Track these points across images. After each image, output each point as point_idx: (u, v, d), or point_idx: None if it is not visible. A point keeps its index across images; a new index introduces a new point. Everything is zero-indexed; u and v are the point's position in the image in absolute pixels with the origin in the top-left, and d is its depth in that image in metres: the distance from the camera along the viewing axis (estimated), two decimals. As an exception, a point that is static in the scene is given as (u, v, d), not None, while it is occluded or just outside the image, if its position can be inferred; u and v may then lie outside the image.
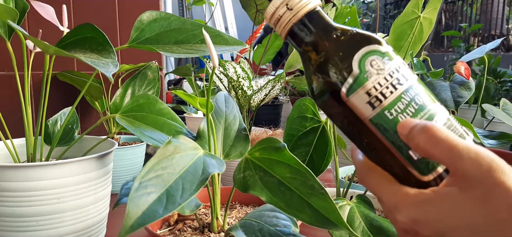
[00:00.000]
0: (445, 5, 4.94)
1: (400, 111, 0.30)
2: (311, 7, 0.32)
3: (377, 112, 0.30)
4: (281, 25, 0.33)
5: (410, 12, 0.75)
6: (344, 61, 0.30)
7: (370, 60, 0.30)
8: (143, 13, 0.57)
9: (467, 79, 0.82)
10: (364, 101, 0.30)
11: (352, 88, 0.30)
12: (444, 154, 0.28)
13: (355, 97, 0.30)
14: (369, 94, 0.30)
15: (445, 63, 3.48)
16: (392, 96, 0.30)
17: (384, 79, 0.30)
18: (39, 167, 0.53)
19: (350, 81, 0.30)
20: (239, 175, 0.48)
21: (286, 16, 0.32)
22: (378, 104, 0.30)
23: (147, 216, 0.33)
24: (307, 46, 0.32)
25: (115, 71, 0.45)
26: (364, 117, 0.31)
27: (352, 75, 0.30)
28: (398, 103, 0.30)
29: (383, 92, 0.30)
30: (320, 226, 0.42)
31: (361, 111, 0.30)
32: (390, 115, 0.30)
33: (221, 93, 0.63)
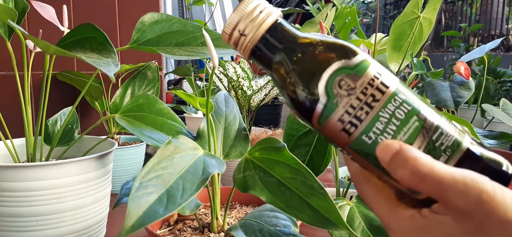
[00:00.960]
0: (445, 5, 4.94)
1: (380, 132, 0.27)
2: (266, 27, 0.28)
3: (354, 138, 0.27)
4: (240, 50, 0.29)
5: (410, 12, 0.75)
6: (311, 86, 0.27)
7: (338, 81, 0.27)
8: (145, 14, 0.57)
9: (467, 79, 0.82)
10: (338, 129, 0.27)
11: (323, 116, 0.27)
12: (430, 189, 0.26)
13: (329, 125, 0.27)
14: (342, 121, 0.27)
15: (445, 63, 3.48)
16: (368, 118, 0.27)
17: (356, 99, 0.27)
18: (39, 167, 0.53)
19: (320, 108, 0.27)
20: (239, 175, 0.48)
21: (242, 41, 0.29)
22: (353, 130, 0.27)
23: (147, 216, 0.33)
24: (271, 70, 0.29)
25: (116, 71, 0.45)
26: (342, 144, 0.28)
27: (321, 101, 0.27)
28: (376, 124, 0.27)
29: (357, 115, 0.27)
30: (320, 226, 0.42)
31: (338, 138, 0.28)
32: (369, 140, 0.27)
33: (221, 93, 0.63)
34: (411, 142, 0.27)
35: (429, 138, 0.27)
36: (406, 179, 0.26)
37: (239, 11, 0.28)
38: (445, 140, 0.27)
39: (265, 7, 0.28)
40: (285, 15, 1.55)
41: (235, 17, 0.29)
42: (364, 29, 3.64)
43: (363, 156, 0.28)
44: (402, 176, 0.26)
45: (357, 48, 0.28)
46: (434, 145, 0.27)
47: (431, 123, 0.27)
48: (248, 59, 0.30)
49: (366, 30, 3.71)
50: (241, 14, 0.28)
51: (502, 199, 0.24)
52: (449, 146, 0.27)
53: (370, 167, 0.29)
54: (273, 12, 0.29)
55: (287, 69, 0.28)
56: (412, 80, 0.83)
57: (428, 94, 0.82)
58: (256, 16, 0.28)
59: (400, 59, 0.79)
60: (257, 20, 0.28)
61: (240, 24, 0.28)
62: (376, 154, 0.27)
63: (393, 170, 0.27)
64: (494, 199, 0.24)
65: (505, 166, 0.28)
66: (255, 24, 0.28)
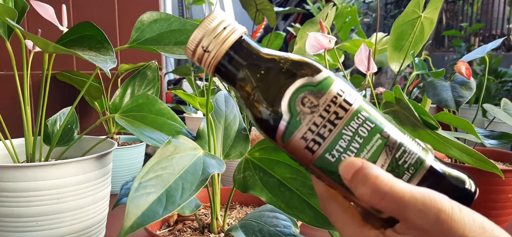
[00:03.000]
0: (446, 5, 4.94)
1: (343, 150, 0.27)
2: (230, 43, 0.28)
3: (318, 156, 0.27)
4: (204, 66, 0.29)
5: (411, 11, 0.75)
6: (274, 103, 0.27)
7: (301, 98, 0.27)
8: (144, 13, 0.57)
9: (468, 79, 0.82)
10: (301, 147, 0.27)
11: (287, 133, 0.27)
12: (390, 207, 0.26)
13: (292, 143, 0.27)
14: (305, 139, 0.27)
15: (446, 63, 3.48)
16: (332, 135, 0.27)
17: (320, 117, 0.26)
18: (38, 167, 0.53)
19: (284, 124, 0.27)
20: (239, 175, 0.47)
21: (205, 58, 0.29)
22: (316, 147, 0.27)
23: (146, 216, 0.33)
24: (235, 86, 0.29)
25: (113, 67, 0.45)
26: (306, 162, 0.28)
27: (284, 118, 0.27)
28: (339, 142, 0.27)
29: (320, 133, 0.27)
30: (320, 226, 0.42)
31: (301, 156, 0.27)
32: (332, 158, 0.27)
33: (221, 93, 0.63)
34: (375, 160, 0.27)
35: (392, 156, 0.27)
36: (366, 196, 0.26)
37: (203, 27, 0.28)
38: (408, 158, 0.27)
39: (229, 24, 0.28)
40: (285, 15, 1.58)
41: (198, 33, 0.28)
42: (364, 28, 3.64)
43: (327, 174, 0.28)
44: (363, 194, 0.26)
45: (321, 65, 0.28)
46: (397, 163, 0.27)
47: (394, 141, 0.27)
48: (212, 75, 0.30)
49: (366, 30, 3.71)
50: (205, 30, 0.28)
51: (460, 218, 0.24)
52: (412, 164, 0.27)
53: (334, 185, 0.28)
54: (237, 29, 0.28)
55: (251, 86, 0.28)
56: (413, 80, 0.83)
57: (429, 94, 0.82)
58: (220, 32, 0.28)
59: (401, 59, 0.79)
60: (221, 36, 0.28)
61: (204, 40, 0.28)
62: (339, 172, 0.27)
63: (354, 188, 0.27)
64: (452, 218, 0.24)
65: (468, 184, 0.28)
66: (219, 40, 0.28)
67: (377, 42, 0.93)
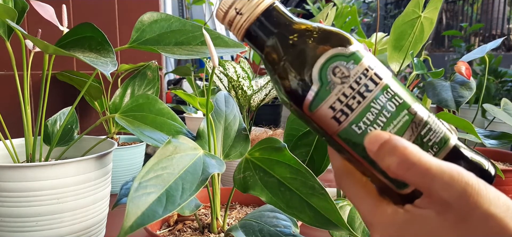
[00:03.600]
0: (446, 5, 4.94)
1: (370, 123, 0.27)
2: (263, 8, 0.28)
3: (344, 127, 0.27)
4: (234, 29, 0.29)
5: (410, 11, 0.75)
6: (304, 71, 0.27)
7: (332, 67, 0.27)
8: (144, 14, 0.57)
9: (468, 79, 0.82)
10: (329, 117, 0.27)
11: (315, 102, 0.27)
12: (417, 179, 0.26)
13: (319, 112, 0.27)
14: (333, 109, 0.27)
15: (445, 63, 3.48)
16: (360, 107, 0.27)
17: (349, 88, 0.27)
18: (38, 167, 0.53)
19: (312, 94, 0.27)
20: (239, 175, 0.47)
21: (237, 20, 0.29)
22: (344, 118, 0.27)
23: (146, 216, 0.33)
24: (264, 52, 0.29)
25: (114, 70, 0.45)
26: (330, 132, 0.28)
27: (313, 88, 0.27)
28: (367, 114, 0.27)
29: (349, 104, 0.27)
30: (320, 226, 0.42)
31: (327, 126, 0.27)
32: (358, 129, 0.27)
33: (221, 93, 0.63)
34: (400, 135, 0.27)
35: (418, 132, 0.28)
36: (393, 166, 0.26)
37: None
38: (433, 136, 0.28)
39: None
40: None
41: None
42: (364, 28, 3.63)
43: (350, 146, 0.28)
44: (390, 164, 0.26)
45: (353, 38, 0.28)
46: (422, 140, 0.28)
47: (421, 118, 0.28)
48: (242, 39, 0.30)
49: (366, 30, 3.70)
50: None
51: (486, 194, 0.25)
52: (437, 143, 0.28)
53: (355, 159, 0.29)
54: None
55: (281, 53, 0.28)
56: (412, 80, 0.83)
57: (429, 94, 0.82)
58: None
59: (400, 59, 0.79)
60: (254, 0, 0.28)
61: (237, 2, 0.28)
62: (364, 144, 0.27)
63: (381, 158, 0.27)
64: (478, 193, 0.25)
65: (488, 167, 0.29)
66: (252, 4, 0.28)
67: (377, 42, 0.93)
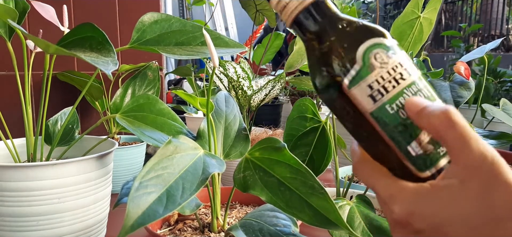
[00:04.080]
0: (445, 5, 4.94)
1: (401, 106, 0.30)
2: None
3: (378, 105, 0.30)
4: (287, 12, 0.33)
5: (410, 12, 0.75)
6: (348, 53, 0.30)
7: (374, 53, 0.30)
8: (145, 14, 0.57)
9: (467, 79, 0.82)
10: (366, 94, 0.30)
11: (355, 80, 0.30)
12: (455, 138, 0.28)
13: (357, 90, 0.30)
14: (371, 87, 0.30)
15: (445, 63, 3.48)
16: (394, 91, 0.30)
17: (387, 73, 0.30)
18: (39, 167, 0.53)
19: (353, 73, 0.30)
20: (239, 175, 0.48)
21: (293, 3, 0.32)
22: (379, 97, 0.30)
23: (147, 215, 0.33)
24: (312, 35, 0.32)
25: (115, 70, 0.45)
26: (364, 110, 0.31)
27: (355, 67, 0.30)
28: (399, 98, 0.30)
29: (385, 86, 0.30)
30: (320, 226, 0.42)
31: (362, 104, 0.31)
32: (391, 110, 0.30)
33: (221, 93, 0.63)
34: None
35: None
36: (437, 121, 0.29)
37: None
38: None
39: None
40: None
41: None
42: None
43: (381, 125, 0.31)
44: (434, 120, 0.29)
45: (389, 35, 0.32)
46: None
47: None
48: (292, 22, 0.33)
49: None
50: None
51: (507, 167, 0.27)
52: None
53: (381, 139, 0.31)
54: None
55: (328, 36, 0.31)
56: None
57: (428, 94, 0.82)
58: None
59: (400, 59, 0.79)
60: None
61: None
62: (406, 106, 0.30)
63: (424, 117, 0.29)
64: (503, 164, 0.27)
65: None
66: None
67: (377, 42, 0.93)
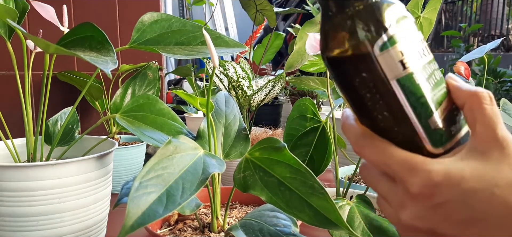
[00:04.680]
0: (445, 5, 4.94)
1: (425, 79, 0.31)
2: None
3: (407, 73, 0.31)
4: None
5: (410, 12, 0.75)
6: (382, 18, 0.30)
7: (405, 22, 0.31)
8: (144, 14, 0.57)
9: (467, 79, 0.82)
10: (397, 60, 0.30)
11: (387, 44, 0.30)
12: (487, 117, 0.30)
13: (388, 54, 0.30)
14: (402, 54, 0.30)
15: (445, 63, 3.48)
16: (420, 63, 0.31)
17: (414, 44, 0.31)
18: (39, 167, 0.53)
19: (387, 37, 0.30)
20: (239, 175, 0.48)
21: None
22: (409, 65, 0.31)
23: (147, 216, 0.33)
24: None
25: (114, 68, 0.45)
26: (391, 76, 0.31)
27: (389, 31, 0.30)
28: (424, 71, 0.31)
29: (413, 56, 0.31)
30: (320, 226, 0.42)
31: (390, 69, 0.31)
32: (416, 80, 0.31)
33: (221, 93, 0.63)
34: (442, 101, 0.32)
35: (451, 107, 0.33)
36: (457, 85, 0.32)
37: None
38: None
39: None
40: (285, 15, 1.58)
41: None
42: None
43: (405, 93, 0.31)
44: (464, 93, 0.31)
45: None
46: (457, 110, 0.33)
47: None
48: None
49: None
50: None
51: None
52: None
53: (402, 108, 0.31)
54: None
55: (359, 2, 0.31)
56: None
57: (428, 94, 0.82)
58: None
59: (400, 59, 0.79)
60: None
61: None
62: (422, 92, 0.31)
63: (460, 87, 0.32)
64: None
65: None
66: None
67: (377, 42, 0.93)
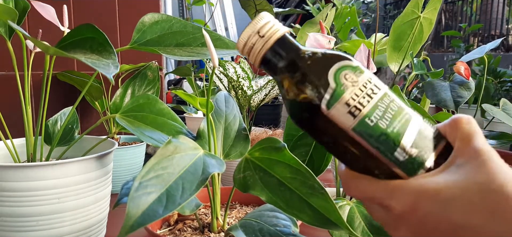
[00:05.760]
0: (445, 5, 4.94)
1: (380, 117, 0.32)
2: (281, 33, 0.34)
3: (359, 120, 0.32)
4: (254, 53, 0.34)
5: (410, 12, 0.75)
6: (320, 78, 0.32)
7: (344, 74, 0.32)
8: (145, 15, 0.57)
9: (467, 79, 0.82)
10: (345, 112, 0.32)
11: (332, 100, 0.32)
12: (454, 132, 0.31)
13: (336, 109, 0.32)
14: (348, 105, 0.32)
15: (445, 63, 3.48)
16: (370, 104, 0.32)
17: (359, 90, 0.32)
18: (39, 167, 0.53)
19: (329, 94, 0.32)
20: (239, 175, 0.48)
21: (258, 44, 0.34)
22: (358, 112, 0.32)
23: (147, 216, 0.33)
24: (281, 71, 0.34)
25: (116, 72, 0.45)
26: (346, 127, 0.32)
27: (329, 89, 0.32)
28: (376, 111, 0.32)
29: (360, 102, 0.32)
30: (320, 226, 0.42)
31: (343, 121, 0.32)
32: (371, 122, 0.32)
33: (221, 93, 0.63)
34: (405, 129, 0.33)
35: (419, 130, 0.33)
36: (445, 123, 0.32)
37: (252, 25, 0.34)
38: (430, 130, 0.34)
39: (274, 24, 0.34)
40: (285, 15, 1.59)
41: (249, 30, 0.34)
42: (364, 29, 3.63)
43: (365, 138, 0.32)
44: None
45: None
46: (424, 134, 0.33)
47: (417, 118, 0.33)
48: (260, 62, 0.34)
49: (366, 30, 3.70)
50: (254, 27, 0.34)
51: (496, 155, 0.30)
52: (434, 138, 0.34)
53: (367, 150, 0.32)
54: (280, 29, 0.34)
55: (297, 68, 0.33)
56: (412, 80, 0.83)
57: (428, 94, 0.82)
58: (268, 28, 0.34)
59: (400, 59, 0.79)
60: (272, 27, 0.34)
61: (253, 36, 0.34)
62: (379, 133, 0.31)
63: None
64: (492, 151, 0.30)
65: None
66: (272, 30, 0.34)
67: (377, 42, 0.93)
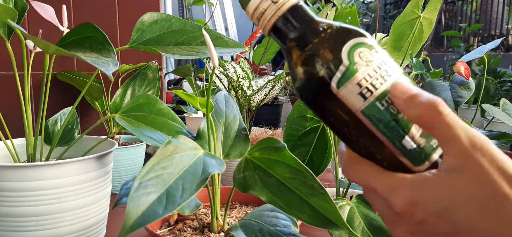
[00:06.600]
0: (445, 5, 4.94)
1: (391, 103, 0.30)
2: (295, 0, 0.32)
3: (369, 103, 0.30)
4: (265, 19, 0.32)
5: (410, 12, 0.75)
6: (333, 54, 0.30)
7: (358, 52, 0.30)
8: (144, 14, 0.57)
9: (467, 79, 0.82)
10: (356, 92, 0.30)
11: (343, 79, 0.30)
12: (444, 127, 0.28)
13: (346, 89, 0.30)
14: (360, 85, 0.30)
15: (445, 63, 3.48)
16: (383, 87, 0.30)
17: (373, 70, 0.30)
18: (39, 167, 0.53)
19: (340, 73, 0.30)
20: (239, 175, 0.48)
21: (270, 10, 0.32)
22: (369, 95, 0.30)
23: (147, 216, 0.33)
24: (292, 42, 0.32)
25: (115, 70, 0.45)
26: (355, 109, 0.30)
27: (342, 66, 0.30)
28: (388, 94, 0.30)
29: (373, 83, 0.30)
30: (320, 226, 0.42)
31: (352, 102, 0.30)
32: (381, 106, 0.30)
33: (221, 93, 0.63)
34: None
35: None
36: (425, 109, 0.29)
37: None
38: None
39: None
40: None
41: None
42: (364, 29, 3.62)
43: (373, 122, 0.30)
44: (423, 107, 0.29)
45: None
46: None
47: None
48: (270, 30, 0.32)
49: (366, 30, 3.70)
50: None
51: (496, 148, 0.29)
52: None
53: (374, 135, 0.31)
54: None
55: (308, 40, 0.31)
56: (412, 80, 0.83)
57: (428, 94, 0.82)
58: None
59: (400, 59, 0.79)
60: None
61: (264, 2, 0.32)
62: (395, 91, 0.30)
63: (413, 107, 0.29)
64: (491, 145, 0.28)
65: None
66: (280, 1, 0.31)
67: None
